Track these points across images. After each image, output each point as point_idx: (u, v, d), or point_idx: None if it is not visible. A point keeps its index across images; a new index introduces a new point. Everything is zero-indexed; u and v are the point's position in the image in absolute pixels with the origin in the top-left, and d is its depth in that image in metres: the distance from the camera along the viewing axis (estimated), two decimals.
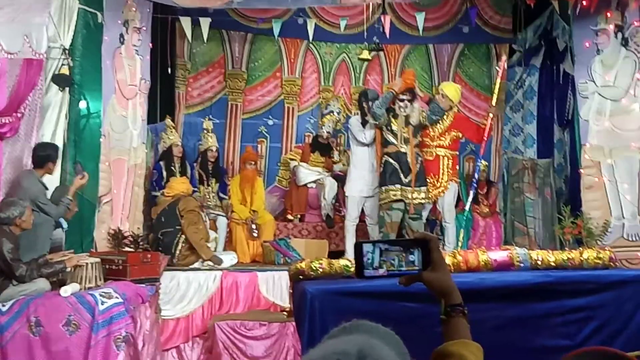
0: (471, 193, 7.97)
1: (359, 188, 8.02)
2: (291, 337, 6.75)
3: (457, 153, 8.07)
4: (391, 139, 7.66)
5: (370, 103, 7.96)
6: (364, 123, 8.04)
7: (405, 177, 7.58)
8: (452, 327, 1.65)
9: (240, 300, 7.36)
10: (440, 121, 7.78)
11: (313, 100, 10.49)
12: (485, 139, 7.80)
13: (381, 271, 1.64)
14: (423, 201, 7.68)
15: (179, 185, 8.15)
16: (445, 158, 7.82)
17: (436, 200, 7.91)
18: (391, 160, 7.62)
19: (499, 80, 8.03)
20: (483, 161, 8.89)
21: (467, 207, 7.97)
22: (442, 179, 7.76)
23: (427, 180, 7.75)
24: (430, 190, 7.75)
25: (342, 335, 1.28)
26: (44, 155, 6.13)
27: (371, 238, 7.93)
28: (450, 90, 7.99)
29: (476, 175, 8.14)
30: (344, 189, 8.40)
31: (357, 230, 8.25)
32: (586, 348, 1.69)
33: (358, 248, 1.65)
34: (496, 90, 8.02)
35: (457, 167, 8.03)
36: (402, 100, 7.63)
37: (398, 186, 7.56)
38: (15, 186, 6.02)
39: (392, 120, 7.66)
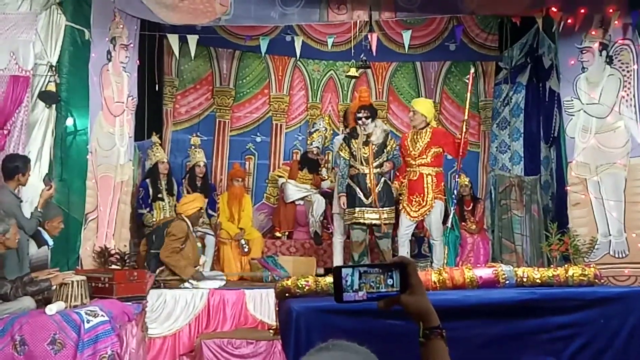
0: (451, 209, 7.96)
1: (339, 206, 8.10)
2: (279, 355, 6.70)
3: (442, 169, 8.04)
4: (351, 161, 7.87)
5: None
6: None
7: (367, 199, 7.74)
8: (431, 349, 1.66)
9: (228, 318, 7.31)
10: (420, 139, 7.80)
11: (301, 117, 10.51)
12: (462, 153, 7.76)
13: (360, 294, 1.66)
14: (387, 221, 7.82)
15: (183, 205, 7.87)
16: (430, 176, 7.77)
17: (423, 219, 7.91)
18: (352, 183, 7.86)
19: (468, 95, 8.07)
20: (463, 177, 8.92)
21: (448, 224, 7.96)
22: (427, 197, 7.73)
23: (413, 198, 7.79)
24: (417, 209, 7.76)
25: (320, 353, 1.29)
26: (11, 167, 6.00)
27: None
28: (422, 106, 8.02)
29: (455, 192, 8.09)
30: (331, 207, 8.44)
31: (345, 247, 8.29)
32: None
33: (337, 272, 1.67)
34: (466, 104, 8.03)
35: (443, 184, 8.01)
36: (359, 119, 7.83)
37: (358, 209, 7.78)
38: None
39: (352, 141, 7.80)
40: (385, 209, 7.81)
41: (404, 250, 7.94)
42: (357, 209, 7.80)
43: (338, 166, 8.22)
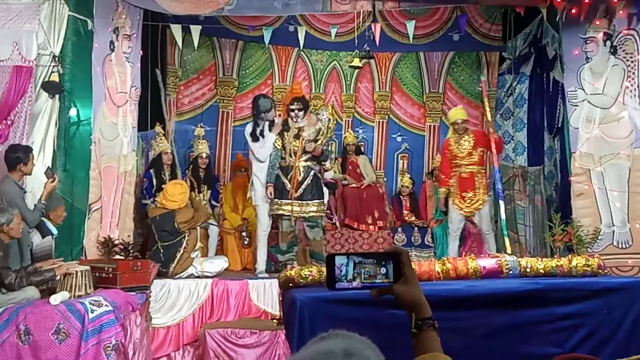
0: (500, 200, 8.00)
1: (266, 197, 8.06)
2: (282, 345, 6.73)
3: (484, 168, 8.43)
4: (282, 153, 7.96)
5: (262, 115, 8.21)
6: (253, 134, 8.16)
7: (295, 191, 7.86)
8: (423, 340, 1.65)
9: (231, 308, 7.34)
10: (465, 141, 8.16)
11: None
12: (498, 150, 8.09)
13: (354, 283, 1.67)
14: (314, 214, 7.99)
15: (178, 195, 7.87)
16: (479, 174, 8.22)
17: (473, 214, 8.29)
18: (280, 174, 7.95)
19: (486, 100, 8.20)
20: None
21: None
22: (478, 192, 8.13)
23: (465, 195, 8.15)
24: (469, 204, 8.17)
25: (322, 342, 1.30)
26: (13, 157, 6.00)
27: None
28: (460, 113, 8.34)
29: (497, 184, 8.12)
30: (334, 196, 8.40)
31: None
32: (563, 355, 1.71)
33: (330, 260, 1.68)
34: (487, 108, 8.26)
35: (488, 181, 8.38)
36: (292, 110, 7.93)
37: (283, 201, 7.87)
38: None
39: (284, 133, 7.94)
40: (314, 201, 7.95)
41: (455, 245, 8.40)
42: (284, 201, 7.88)
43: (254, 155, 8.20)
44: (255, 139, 8.09)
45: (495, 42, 10.36)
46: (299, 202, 7.86)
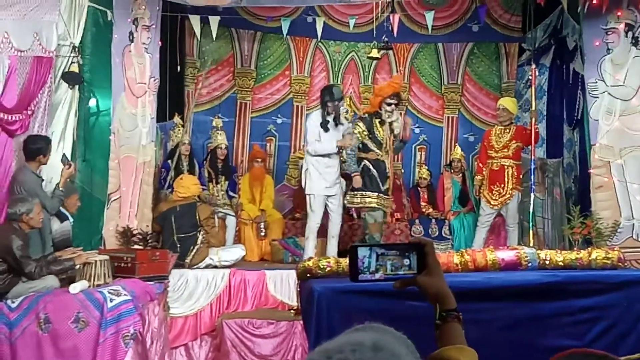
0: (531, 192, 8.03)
1: (322, 186, 8.00)
2: (299, 335, 6.75)
3: (520, 162, 8.41)
4: (372, 146, 7.88)
5: (336, 103, 8.01)
6: (324, 124, 7.94)
7: (383, 185, 7.89)
8: (447, 332, 1.65)
9: (249, 299, 7.36)
10: (506, 134, 8.31)
11: None
12: (533, 141, 7.96)
13: (378, 275, 1.65)
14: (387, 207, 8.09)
15: (192, 185, 7.95)
16: (510, 168, 8.27)
17: (501, 207, 8.35)
18: (371, 167, 7.89)
19: (533, 87, 8.10)
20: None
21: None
22: (507, 187, 8.23)
23: (494, 187, 8.28)
24: (497, 197, 8.28)
25: (357, 333, 1.29)
26: (34, 149, 6.06)
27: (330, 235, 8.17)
28: (509, 103, 8.51)
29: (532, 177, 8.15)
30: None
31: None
32: (574, 350, 1.68)
33: (353, 252, 1.66)
34: (533, 97, 8.06)
35: (521, 176, 8.38)
36: (389, 105, 7.84)
37: (375, 194, 7.87)
38: (13, 181, 5.99)
39: (378, 126, 7.83)
40: (390, 195, 8.13)
41: (481, 236, 8.47)
42: (369, 192, 7.87)
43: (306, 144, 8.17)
44: (326, 129, 7.91)
45: (514, 33, 10.29)
46: (383, 195, 7.94)
